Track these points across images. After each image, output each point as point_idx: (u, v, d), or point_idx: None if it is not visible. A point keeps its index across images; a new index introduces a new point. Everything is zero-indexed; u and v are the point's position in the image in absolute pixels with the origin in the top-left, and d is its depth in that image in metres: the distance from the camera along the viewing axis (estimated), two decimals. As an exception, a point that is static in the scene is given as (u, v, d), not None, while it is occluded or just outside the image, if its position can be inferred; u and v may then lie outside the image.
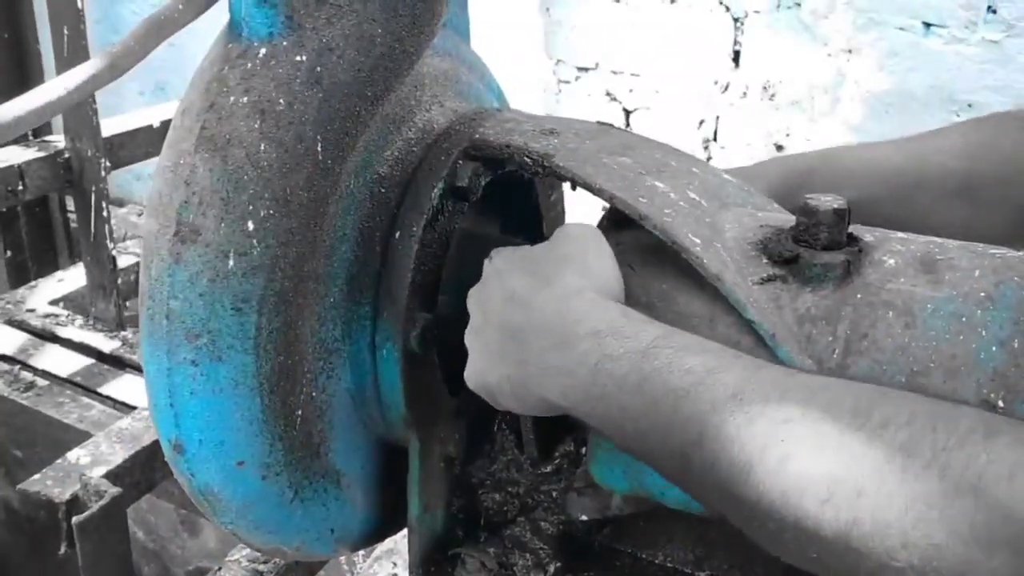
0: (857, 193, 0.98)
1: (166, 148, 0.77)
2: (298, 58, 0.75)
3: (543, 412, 0.75)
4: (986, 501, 0.51)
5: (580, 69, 2.92)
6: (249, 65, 0.75)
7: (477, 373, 0.78)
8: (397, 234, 0.85)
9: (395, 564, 1.67)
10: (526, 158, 0.84)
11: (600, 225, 0.83)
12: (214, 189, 0.73)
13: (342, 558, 1.75)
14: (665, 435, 0.63)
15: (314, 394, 0.82)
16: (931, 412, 0.57)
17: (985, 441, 0.54)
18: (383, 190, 0.85)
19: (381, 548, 1.67)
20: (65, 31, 1.96)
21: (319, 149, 0.76)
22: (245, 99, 0.74)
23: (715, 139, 2.81)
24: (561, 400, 0.70)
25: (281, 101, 0.74)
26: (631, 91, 2.88)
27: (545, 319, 0.72)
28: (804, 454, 0.57)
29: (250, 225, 0.74)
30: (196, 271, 0.74)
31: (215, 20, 0.80)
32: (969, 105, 2.40)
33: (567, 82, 2.96)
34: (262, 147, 0.74)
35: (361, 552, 1.66)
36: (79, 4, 1.94)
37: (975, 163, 0.99)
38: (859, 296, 0.71)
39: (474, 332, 0.79)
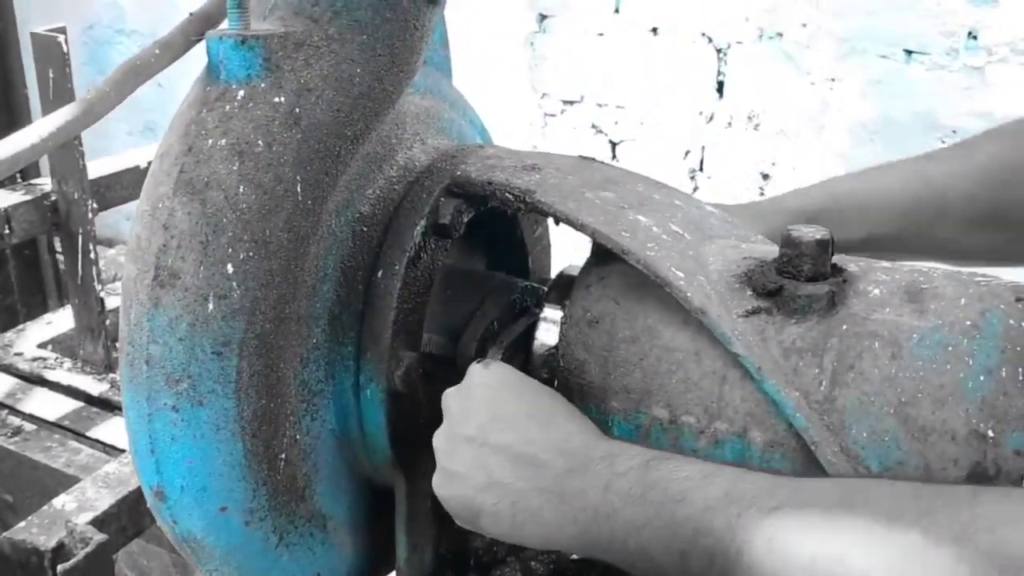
0: (873, 228, 0.96)
1: (145, 192, 0.77)
2: (276, 99, 0.75)
3: (534, 543, 0.74)
4: (969, 551, 0.53)
5: (565, 102, 2.94)
6: (227, 107, 0.75)
7: (463, 489, 0.75)
8: (380, 273, 0.84)
9: (387, 605, 1.64)
10: (508, 194, 0.84)
11: (586, 261, 0.83)
12: (193, 232, 0.73)
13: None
14: (666, 541, 0.65)
15: (298, 437, 0.81)
16: (915, 486, 0.61)
17: (968, 500, 0.57)
18: (365, 229, 0.85)
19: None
20: (51, 74, 1.96)
21: (299, 190, 0.76)
22: (223, 141, 0.74)
23: (701, 169, 2.82)
24: (571, 525, 0.70)
25: (260, 143, 0.74)
26: (616, 123, 2.89)
27: (562, 446, 0.73)
28: (789, 535, 0.60)
29: (229, 268, 0.73)
30: (175, 315, 0.73)
31: (202, 61, 0.80)
32: (953, 131, 2.41)
33: (553, 115, 2.98)
34: (241, 189, 0.73)
35: (353, 594, 1.63)
36: (64, 47, 1.95)
37: (1002, 189, 0.95)
38: (845, 327, 0.71)
39: (457, 441, 0.76)
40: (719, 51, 2.70)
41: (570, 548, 0.72)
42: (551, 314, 0.84)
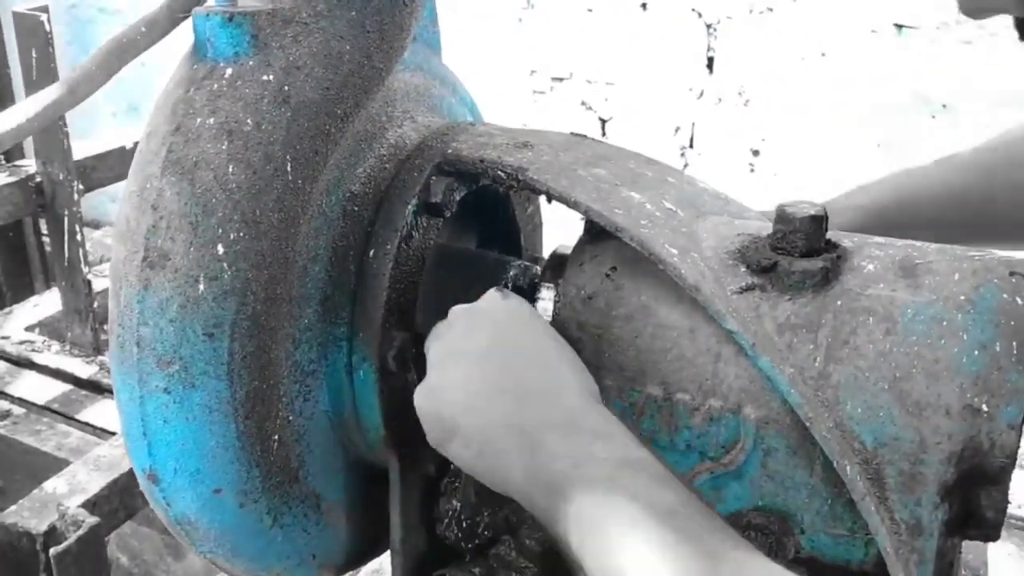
0: (944, 220, 1.01)
1: (132, 172, 0.76)
2: (265, 77, 0.74)
3: (488, 480, 0.71)
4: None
5: (555, 79, 2.93)
6: (215, 86, 0.74)
7: (443, 406, 0.72)
8: (371, 252, 0.84)
9: (381, 585, 1.65)
10: (500, 172, 0.83)
11: (579, 239, 0.82)
12: (182, 213, 0.72)
13: (327, 580, 1.73)
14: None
15: (291, 418, 0.81)
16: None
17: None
18: (356, 208, 0.84)
19: (365, 570, 1.65)
20: (33, 54, 1.94)
21: (289, 169, 0.75)
22: (212, 120, 0.73)
23: (691, 146, 2.82)
24: (526, 481, 0.67)
25: (249, 121, 0.73)
26: (606, 100, 2.88)
27: (553, 393, 0.70)
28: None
29: (220, 249, 0.72)
30: (166, 297, 0.72)
31: (187, 40, 0.79)
32: (944, 106, 2.41)
33: (542, 92, 2.96)
34: (230, 169, 0.73)
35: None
36: (47, 27, 1.92)
37: None
38: (839, 303, 0.70)
39: (453, 356, 0.74)
40: (709, 27, 2.68)
41: (518, 498, 0.68)
42: (546, 294, 0.84)
